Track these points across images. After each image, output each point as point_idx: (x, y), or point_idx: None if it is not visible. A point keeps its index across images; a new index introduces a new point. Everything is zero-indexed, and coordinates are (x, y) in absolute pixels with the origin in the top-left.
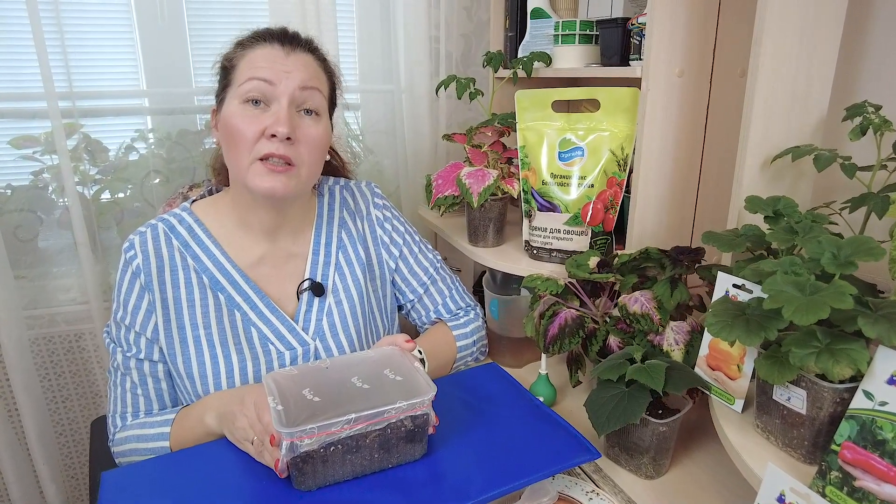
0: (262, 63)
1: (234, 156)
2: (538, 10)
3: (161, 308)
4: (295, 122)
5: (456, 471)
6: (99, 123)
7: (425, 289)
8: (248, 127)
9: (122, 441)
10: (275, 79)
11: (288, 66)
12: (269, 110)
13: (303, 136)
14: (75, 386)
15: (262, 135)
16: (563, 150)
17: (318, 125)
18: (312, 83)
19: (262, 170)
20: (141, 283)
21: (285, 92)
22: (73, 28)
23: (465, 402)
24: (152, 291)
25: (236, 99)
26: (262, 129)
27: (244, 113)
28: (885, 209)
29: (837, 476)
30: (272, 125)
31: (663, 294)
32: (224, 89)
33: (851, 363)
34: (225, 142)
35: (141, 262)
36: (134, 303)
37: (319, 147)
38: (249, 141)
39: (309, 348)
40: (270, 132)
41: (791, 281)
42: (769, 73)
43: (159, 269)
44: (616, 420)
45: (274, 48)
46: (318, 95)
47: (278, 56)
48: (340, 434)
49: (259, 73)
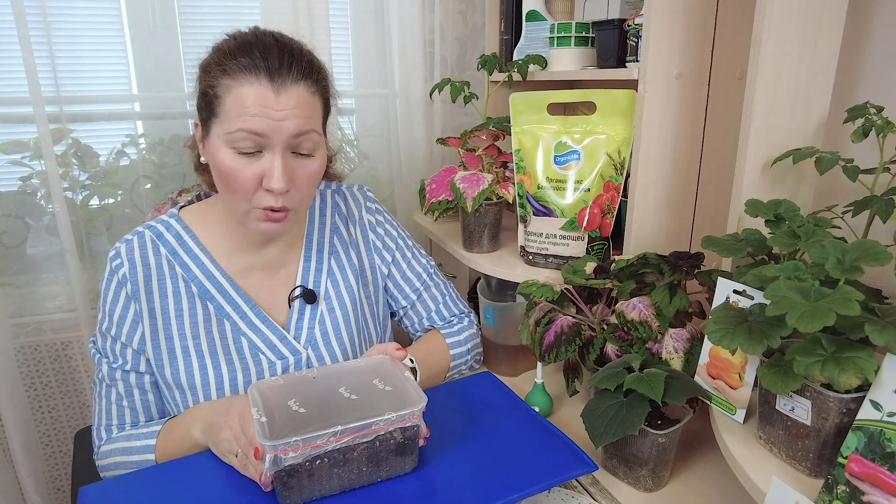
0: (251, 109)
1: (232, 199)
2: (533, 12)
3: (148, 318)
4: (291, 169)
5: (448, 484)
6: (90, 128)
7: (418, 295)
8: (242, 175)
9: (108, 454)
10: (266, 131)
11: (280, 112)
12: (262, 156)
13: (299, 180)
14: (62, 396)
15: (258, 182)
16: (559, 154)
17: (314, 162)
18: (307, 126)
19: (260, 216)
20: (127, 292)
21: (279, 143)
22: (62, 32)
23: (459, 413)
24: (139, 301)
25: (225, 144)
26: (258, 177)
27: (237, 161)
28: (890, 213)
29: (845, 490)
30: (267, 179)
31: (662, 300)
32: (209, 118)
33: (858, 372)
34: (217, 179)
35: (127, 271)
36: (120, 313)
37: (314, 182)
38: (247, 191)
39: (301, 357)
40: (266, 186)
41: (794, 286)
42: (769, 74)
43: (146, 278)
44: (614, 431)
45: (262, 85)
46: (313, 136)
47: (268, 99)
48: (326, 447)
49: (248, 125)
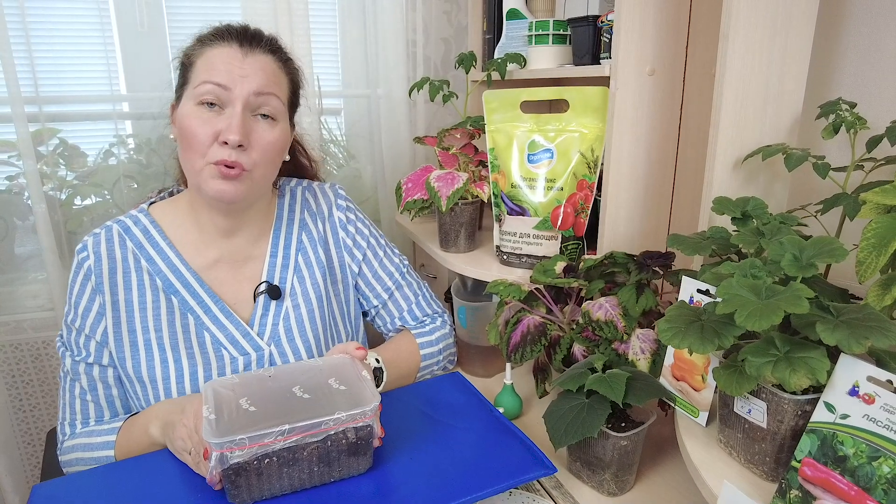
0: (218, 65)
1: (188, 158)
2: (514, 10)
3: (111, 311)
4: (249, 126)
5: (403, 485)
6: (79, 128)
7: (390, 294)
8: (201, 130)
9: (69, 450)
10: (229, 83)
11: (244, 70)
12: (223, 114)
13: (256, 142)
14: (42, 395)
15: (215, 139)
16: (532, 153)
17: (274, 129)
18: (269, 88)
19: (214, 173)
20: (92, 285)
21: (239, 97)
22: (42, 33)
23: (422, 413)
24: (103, 294)
25: (192, 100)
26: (216, 133)
27: (198, 115)
28: (857, 210)
29: (797, 495)
30: (224, 132)
31: (629, 300)
32: (182, 87)
33: (809, 372)
34: (180, 141)
35: (93, 264)
36: (84, 305)
37: (273, 151)
38: (203, 144)
39: (263, 353)
40: (222, 139)
41: (748, 284)
42: (738, 70)
43: (111, 271)
44: (574, 433)
45: (232, 48)
46: (274, 100)
47: (235, 58)
48: (274, 446)
49: (214, 77)
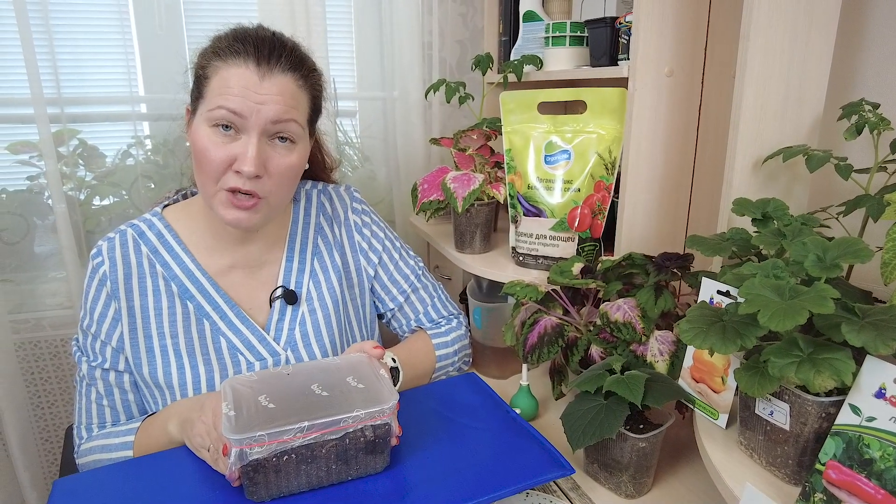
0: (234, 88)
1: (202, 178)
2: (530, 12)
3: (127, 316)
4: (266, 154)
5: (420, 484)
6: (98, 129)
7: (406, 297)
8: (215, 154)
9: (87, 452)
10: (245, 111)
11: (261, 96)
12: (238, 139)
13: (273, 168)
14: (60, 391)
15: (229, 165)
16: (549, 154)
17: (291, 154)
18: (287, 115)
19: (227, 201)
20: (107, 290)
21: (255, 125)
22: (64, 34)
23: (438, 413)
24: (118, 299)
25: (205, 122)
26: (230, 159)
27: (212, 138)
28: (881, 211)
29: (822, 498)
30: (239, 162)
31: (647, 302)
32: (197, 99)
33: (834, 374)
34: (194, 158)
35: (108, 269)
36: (100, 311)
37: (291, 176)
38: (216, 170)
39: (280, 359)
40: (237, 168)
41: (770, 285)
42: (759, 71)
43: (126, 277)
44: (591, 434)
45: (249, 68)
46: (292, 125)
47: (252, 81)
48: (293, 443)
49: (229, 104)
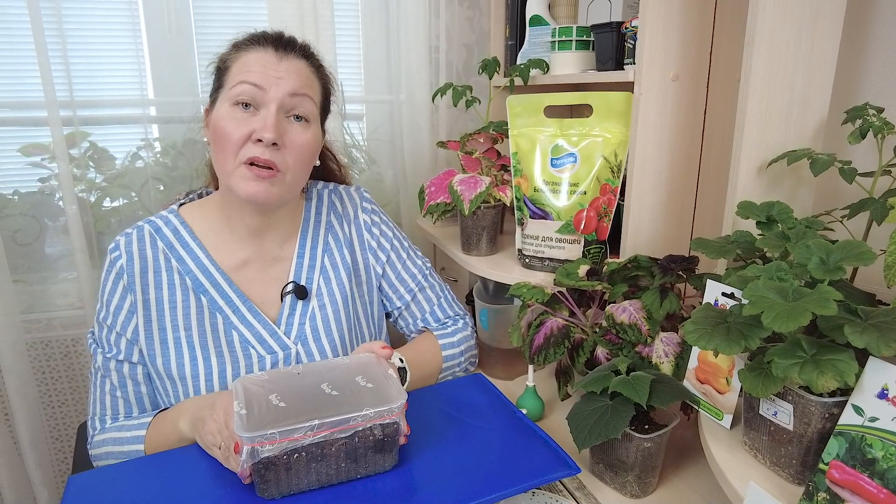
0: (254, 67)
1: (221, 158)
2: (537, 17)
3: (142, 309)
4: (283, 127)
5: (428, 483)
6: (108, 132)
7: (413, 296)
8: (235, 130)
9: (100, 444)
10: (265, 84)
11: (279, 72)
12: (257, 115)
13: (290, 143)
14: (71, 391)
15: (248, 139)
16: (556, 157)
17: (307, 132)
18: (303, 90)
19: (246, 174)
20: (124, 283)
21: (275, 98)
22: (76, 38)
23: (445, 413)
24: (134, 292)
25: (227, 101)
26: (249, 133)
27: (232, 116)
28: (885, 215)
29: (825, 498)
30: (259, 130)
31: (652, 303)
32: (217, 90)
33: (837, 375)
34: (213, 143)
35: (125, 263)
36: (116, 303)
37: (306, 153)
38: (236, 144)
39: (290, 352)
40: (257, 137)
41: (774, 287)
42: (763, 75)
43: (143, 271)
44: (597, 434)
45: (267, 52)
46: (308, 102)
47: (270, 61)
48: (304, 441)
49: (250, 78)
